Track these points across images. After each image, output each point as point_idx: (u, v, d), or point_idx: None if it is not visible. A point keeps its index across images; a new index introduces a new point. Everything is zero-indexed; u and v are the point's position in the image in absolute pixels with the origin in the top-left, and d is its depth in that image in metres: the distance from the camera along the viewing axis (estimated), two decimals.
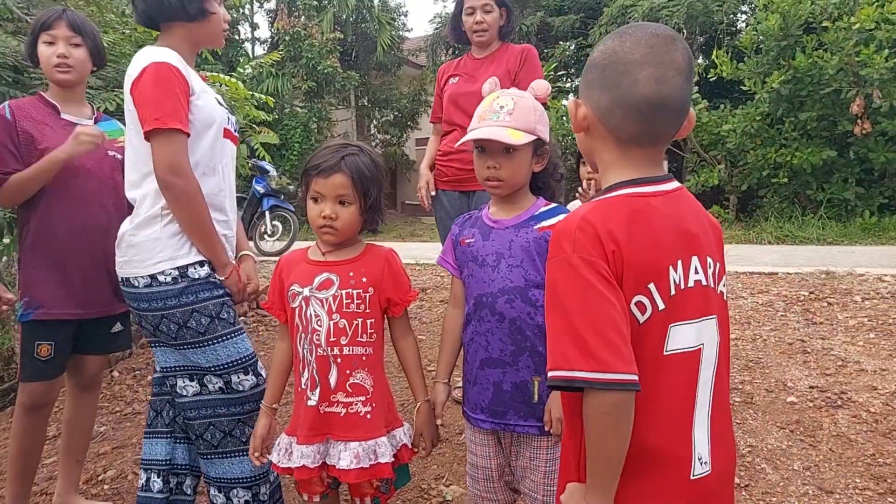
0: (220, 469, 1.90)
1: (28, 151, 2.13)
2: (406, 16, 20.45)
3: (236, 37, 16.22)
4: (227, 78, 3.91)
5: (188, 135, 1.76)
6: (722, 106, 10.24)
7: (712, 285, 1.12)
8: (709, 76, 9.93)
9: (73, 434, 2.45)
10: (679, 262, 1.07)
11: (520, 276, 1.59)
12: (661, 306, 1.05)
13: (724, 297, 1.18)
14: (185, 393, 1.87)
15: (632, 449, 1.02)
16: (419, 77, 17.60)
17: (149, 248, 1.79)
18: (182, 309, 1.79)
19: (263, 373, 1.91)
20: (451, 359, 1.75)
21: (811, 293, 4.48)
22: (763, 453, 2.57)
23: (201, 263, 1.83)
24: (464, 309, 1.71)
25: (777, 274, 5.15)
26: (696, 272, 1.09)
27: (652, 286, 1.04)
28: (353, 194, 1.58)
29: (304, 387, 1.65)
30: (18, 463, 2.27)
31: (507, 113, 1.59)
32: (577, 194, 3.05)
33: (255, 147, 4.76)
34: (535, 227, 1.61)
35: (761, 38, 9.05)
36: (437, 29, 16.44)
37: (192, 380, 1.87)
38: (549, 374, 1.01)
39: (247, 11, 16.58)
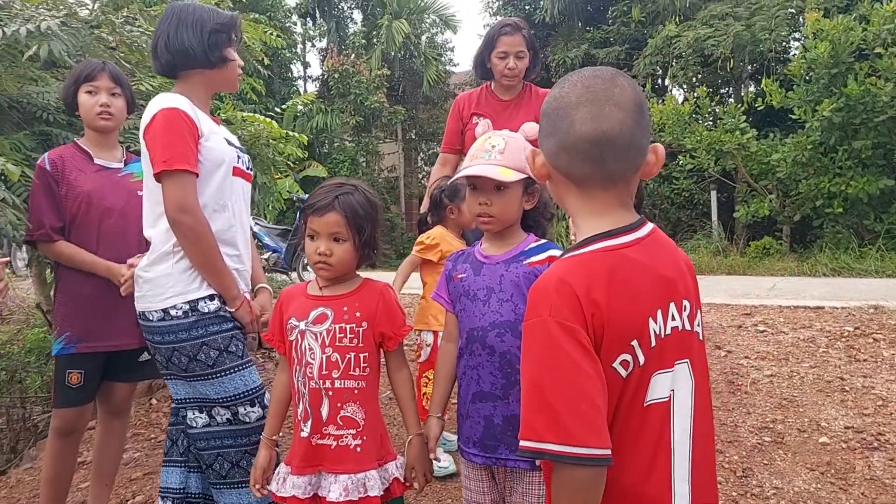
0: (229, 499, 1.95)
1: (67, 196, 2.31)
2: (452, 51, 20.87)
3: (289, 75, 16.88)
4: (262, 118, 4.08)
5: (197, 175, 1.86)
6: (772, 135, 10.00)
7: (688, 328, 1.11)
8: (757, 105, 9.75)
9: (103, 458, 2.56)
10: (658, 312, 1.06)
11: (510, 311, 1.61)
12: (642, 362, 1.03)
13: (700, 338, 1.15)
14: (194, 424, 1.95)
15: (607, 491, 1.00)
16: None
17: (161, 284, 1.89)
18: (192, 342, 1.86)
19: None
20: (445, 393, 1.76)
21: (857, 329, 4.28)
22: (789, 496, 2.46)
23: (211, 297, 1.90)
24: (457, 343, 1.73)
25: (823, 308, 4.95)
26: (674, 318, 1.08)
27: (635, 343, 1.03)
28: (347, 231, 1.64)
29: (299, 418, 1.70)
30: (51, 485, 2.39)
31: (499, 152, 1.64)
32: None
33: (291, 186, 4.92)
34: (524, 263, 1.64)
35: (811, 66, 8.84)
36: None
37: (201, 411, 1.94)
38: (520, 443, 0.99)
39: (299, 51, 17.28)
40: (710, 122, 10.82)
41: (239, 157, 2.06)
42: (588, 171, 1.07)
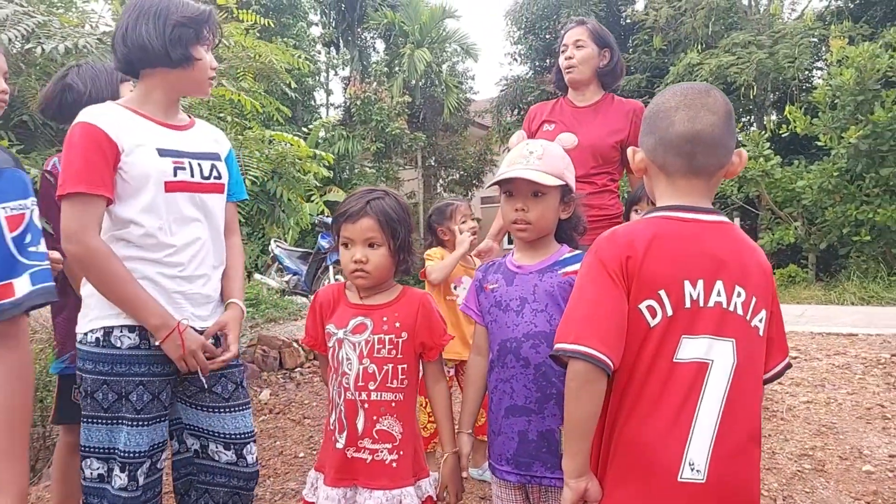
0: None
1: None
2: (473, 79, 21.14)
3: (311, 102, 17.14)
4: (290, 136, 4.11)
5: (102, 196, 1.60)
6: (796, 162, 9.89)
7: (740, 313, 1.22)
8: (781, 132, 9.67)
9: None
10: (700, 281, 1.21)
11: (544, 321, 1.56)
12: (670, 313, 1.20)
13: (760, 333, 1.25)
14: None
15: (624, 442, 1.21)
16: (485, 138, 17.98)
17: (86, 304, 1.70)
18: (94, 377, 1.65)
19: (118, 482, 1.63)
20: (475, 408, 1.71)
21: (893, 356, 4.14)
22: None
23: (132, 328, 1.65)
24: (487, 356, 1.68)
25: (857, 335, 4.81)
26: (719, 295, 1.21)
27: (662, 293, 1.20)
28: (382, 236, 1.59)
29: (332, 427, 1.65)
30: None
31: (537, 158, 1.61)
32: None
33: (317, 204, 4.94)
34: (559, 272, 1.59)
35: (836, 93, 8.76)
36: (502, 91, 16.84)
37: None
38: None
39: (322, 79, 17.58)
40: None
41: (180, 169, 1.73)
42: (679, 163, 1.26)
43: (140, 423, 1.65)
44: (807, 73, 12.00)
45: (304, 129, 5.61)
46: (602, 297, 1.21)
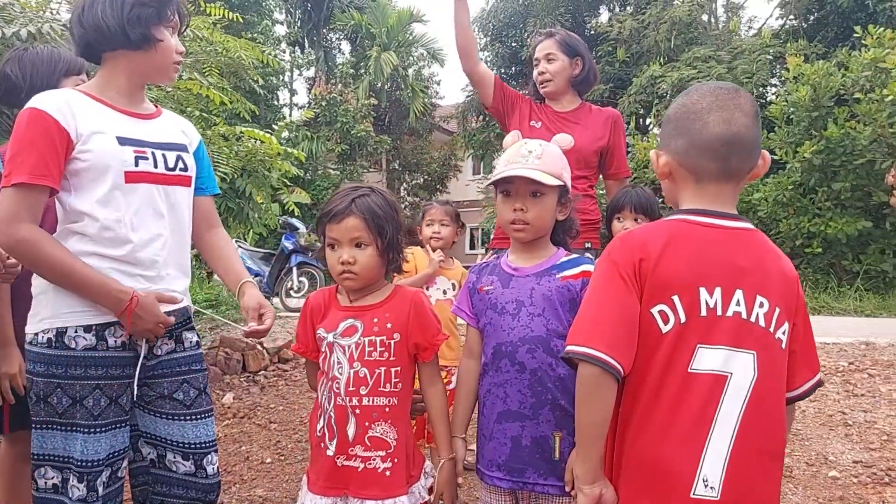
0: None
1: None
2: (439, 84, 21.15)
3: (275, 102, 16.89)
4: (262, 133, 4.02)
5: (46, 187, 1.49)
6: None
7: (762, 324, 1.17)
8: None
9: None
10: (717, 289, 1.16)
11: (541, 326, 1.54)
12: (683, 319, 1.16)
13: (783, 346, 1.20)
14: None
15: (637, 454, 1.17)
16: (450, 143, 18.01)
17: (39, 302, 1.58)
18: (46, 380, 1.54)
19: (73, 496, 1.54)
20: (467, 412, 1.68)
21: (851, 364, 4.28)
22: None
23: (88, 328, 1.54)
24: (480, 360, 1.65)
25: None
26: (738, 304, 1.17)
27: (676, 298, 1.16)
28: (368, 235, 1.53)
29: (319, 434, 1.59)
30: None
31: (536, 157, 1.59)
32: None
33: (287, 204, 4.85)
34: (557, 276, 1.57)
35: (792, 108, 9.06)
36: (468, 97, 16.89)
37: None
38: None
39: (286, 79, 17.34)
40: None
41: (142, 158, 1.61)
42: (713, 167, 1.21)
43: (97, 429, 1.55)
44: (762, 88, 12.39)
45: (272, 128, 5.52)
46: (612, 300, 1.18)
